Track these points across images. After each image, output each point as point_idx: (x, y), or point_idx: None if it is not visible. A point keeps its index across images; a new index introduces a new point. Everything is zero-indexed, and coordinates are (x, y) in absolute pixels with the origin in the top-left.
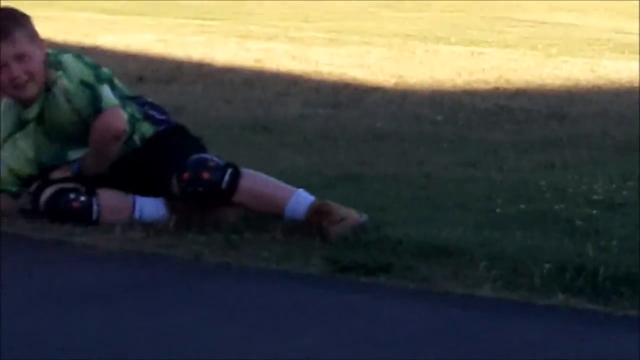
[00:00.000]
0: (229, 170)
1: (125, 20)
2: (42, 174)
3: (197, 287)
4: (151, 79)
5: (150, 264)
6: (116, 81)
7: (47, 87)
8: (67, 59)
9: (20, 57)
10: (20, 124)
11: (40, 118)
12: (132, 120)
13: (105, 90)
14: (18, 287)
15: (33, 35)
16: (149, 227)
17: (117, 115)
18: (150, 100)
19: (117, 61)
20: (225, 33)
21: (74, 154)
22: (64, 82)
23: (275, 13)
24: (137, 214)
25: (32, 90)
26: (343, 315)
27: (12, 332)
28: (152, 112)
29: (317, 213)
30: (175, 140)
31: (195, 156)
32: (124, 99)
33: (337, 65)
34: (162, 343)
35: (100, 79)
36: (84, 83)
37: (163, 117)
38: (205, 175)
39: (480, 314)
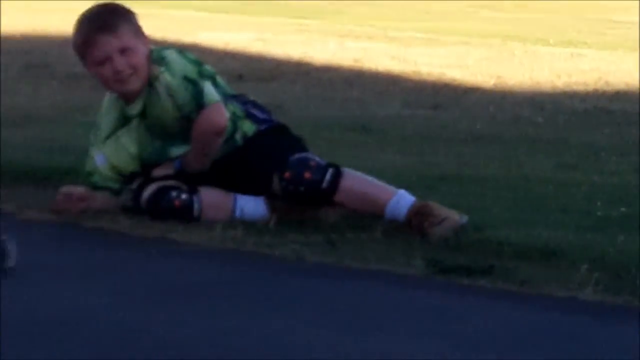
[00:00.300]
0: (331, 170)
1: (224, 18)
2: (144, 170)
3: (296, 286)
4: (250, 78)
5: (250, 262)
6: (219, 79)
7: (150, 83)
8: (171, 54)
9: (124, 51)
10: (124, 120)
11: (142, 114)
12: (234, 119)
13: (208, 87)
14: (119, 284)
15: (138, 30)
16: (249, 225)
17: (219, 111)
18: (252, 99)
19: (216, 59)
20: (325, 32)
21: (176, 151)
22: (166, 77)
23: (373, 13)
24: (237, 213)
25: (135, 84)
26: (444, 317)
27: (112, 329)
28: (253, 111)
29: (418, 214)
30: (277, 139)
31: (297, 155)
32: (226, 96)
33: (436, 65)
34: (260, 341)
35: (203, 76)
36: (186, 79)
37: (265, 116)
38: (307, 174)
39: (582, 317)
